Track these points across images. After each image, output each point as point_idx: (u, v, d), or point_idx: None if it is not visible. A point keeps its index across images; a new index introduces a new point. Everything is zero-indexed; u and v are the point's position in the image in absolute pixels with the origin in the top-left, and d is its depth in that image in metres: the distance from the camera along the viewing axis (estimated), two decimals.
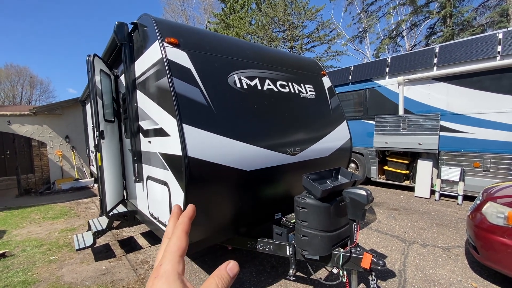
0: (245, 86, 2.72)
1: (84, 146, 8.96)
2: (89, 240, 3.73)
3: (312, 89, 3.48)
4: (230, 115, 2.50)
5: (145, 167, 2.92)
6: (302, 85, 3.37)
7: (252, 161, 2.52)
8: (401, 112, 6.80)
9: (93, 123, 3.34)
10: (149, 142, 2.71)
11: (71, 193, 8.55)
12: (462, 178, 5.66)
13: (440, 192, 6.06)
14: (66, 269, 3.60)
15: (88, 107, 6.81)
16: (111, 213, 3.81)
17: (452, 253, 3.65)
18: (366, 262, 2.17)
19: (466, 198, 5.76)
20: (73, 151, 9.85)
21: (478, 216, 3.06)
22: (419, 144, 6.28)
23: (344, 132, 3.72)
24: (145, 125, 2.81)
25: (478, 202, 3.27)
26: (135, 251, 4.10)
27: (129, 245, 4.31)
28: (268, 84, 2.95)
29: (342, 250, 2.38)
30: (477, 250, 2.99)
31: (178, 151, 2.11)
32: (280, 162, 2.79)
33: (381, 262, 2.21)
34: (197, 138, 2.15)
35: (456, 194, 5.78)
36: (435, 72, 6.13)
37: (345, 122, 3.78)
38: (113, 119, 3.60)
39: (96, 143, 3.27)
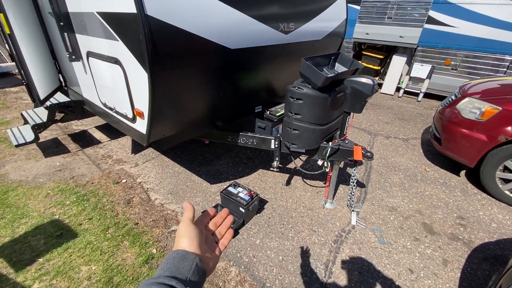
0: None
1: None
2: (29, 135, 3.09)
3: None
4: None
5: (81, 39, 2.06)
6: None
7: (238, 35, 1.87)
8: None
9: None
10: None
11: None
12: (430, 75, 5.75)
13: (405, 89, 6.25)
14: (10, 166, 3.09)
15: None
16: (49, 104, 3.06)
17: (410, 144, 4.00)
18: (357, 154, 2.11)
19: (426, 95, 6.07)
20: None
21: (451, 111, 3.14)
22: (400, 37, 5.90)
23: (341, 10, 3.03)
24: None
25: (453, 97, 3.30)
26: (93, 145, 3.65)
27: (84, 140, 3.79)
28: None
29: (330, 143, 2.26)
30: (439, 142, 3.23)
31: (128, 6, 1.35)
32: (271, 41, 2.18)
33: (369, 154, 2.17)
34: None
35: (419, 92, 6.01)
36: None
37: None
38: None
39: None
